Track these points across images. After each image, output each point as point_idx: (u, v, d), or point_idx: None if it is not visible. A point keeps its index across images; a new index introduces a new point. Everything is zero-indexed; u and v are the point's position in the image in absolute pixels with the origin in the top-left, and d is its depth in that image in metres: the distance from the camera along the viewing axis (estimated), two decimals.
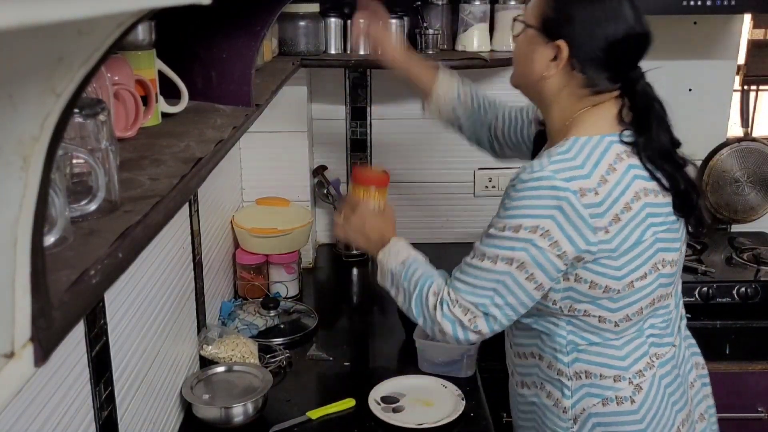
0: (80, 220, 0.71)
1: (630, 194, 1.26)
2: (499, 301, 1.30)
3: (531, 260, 1.26)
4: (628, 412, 1.35)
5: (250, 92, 1.35)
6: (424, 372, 1.76)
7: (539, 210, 1.24)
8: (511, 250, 1.27)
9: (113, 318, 1.17)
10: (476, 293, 1.31)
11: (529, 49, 1.33)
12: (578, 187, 1.23)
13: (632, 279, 1.29)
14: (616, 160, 1.27)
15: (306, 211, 2.27)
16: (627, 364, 1.35)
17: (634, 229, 1.27)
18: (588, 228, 1.24)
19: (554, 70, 1.30)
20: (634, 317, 1.33)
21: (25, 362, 0.48)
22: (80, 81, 0.46)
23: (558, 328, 1.36)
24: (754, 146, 2.57)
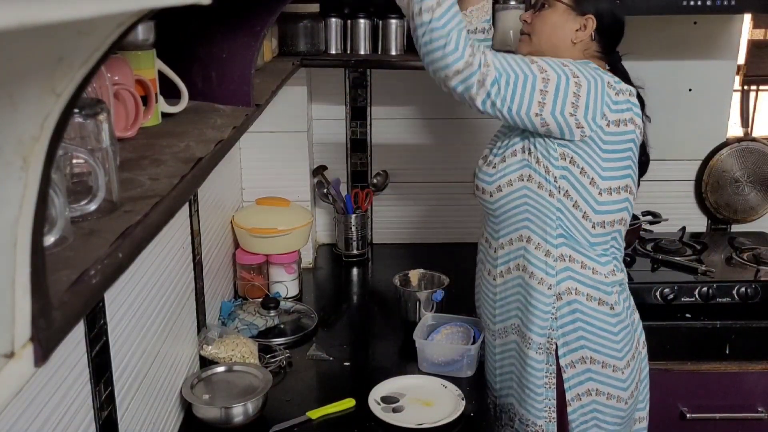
0: (80, 220, 0.71)
1: (629, 114, 1.55)
2: (510, 79, 1.46)
3: (556, 83, 1.47)
4: (607, 324, 1.58)
5: (250, 92, 1.35)
6: (424, 372, 1.76)
7: (583, 71, 1.51)
8: (551, 68, 1.49)
9: (113, 318, 1.17)
10: (504, 64, 1.47)
11: (559, 21, 1.59)
12: (608, 80, 1.53)
13: (610, 186, 1.56)
14: (626, 89, 1.57)
15: (306, 211, 2.27)
16: (602, 261, 1.59)
17: (624, 142, 1.57)
18: (600, 108, 1.52)
19: (582, 37, 1.58)
20: (607, 226, 1.58)
21: (25, 362, 0.48)
22: (80, 81, 0.46)
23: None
24: (754, 146, 2.57)
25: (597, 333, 1.58)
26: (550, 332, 1.59)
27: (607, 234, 1.59)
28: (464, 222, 2.60)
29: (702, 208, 2.63)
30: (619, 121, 1.51)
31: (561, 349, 1.59)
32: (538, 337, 1.59)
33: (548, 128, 1.50)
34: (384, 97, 2.49)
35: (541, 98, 1.47)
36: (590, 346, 1.58)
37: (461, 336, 1.84)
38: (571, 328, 1.58)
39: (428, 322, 1.87)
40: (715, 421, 2.11)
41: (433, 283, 2.05)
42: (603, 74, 1.53)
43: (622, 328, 1.59)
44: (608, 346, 1.58)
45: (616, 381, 1.60)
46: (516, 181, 1.59)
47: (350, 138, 2.53)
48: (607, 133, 1.51)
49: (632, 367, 1.61)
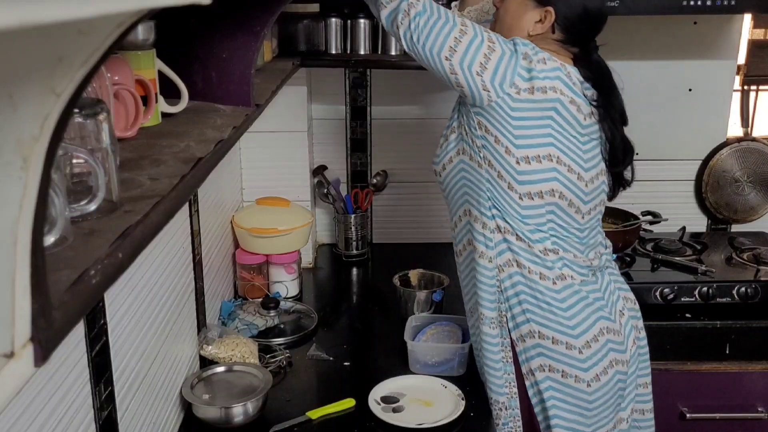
0: (80, 220, 0.71)
1: (550, 83, 1.53)
2: (432, 17, 1.49)
3: (471, 38, 1.49)
4: (554, 301, 1.55)
5: (250, 92, 1.35)
6: (416, 373, 1.76)
7: (503, 42, 1.52)
8: (473, 27, 1.50)
9: (113, 318, 1.17)
10: (433, 7, 1.51)
11: (520, 10, 1.57)
12: (525, 51, 1.51)
13: (528, 154, 1.54)
14: (557, 66, 1.53)
15: (306, 211, 2.27)
16: (537, 238, 1.57)
17: (539, 109, 1.53)
18: (517, 71, 1.52)
19: (540, 29, 1.56)
20: (535, 197, 1.56)
21: (25, 362, 0.48)
22: (80, 81, 0.46)
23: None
24: (754, 146, 2.57)
25: (542, 306, 1.55)
26: (499, 305, 1.57)
27: (539, 207, 1.55)
28: None
29: (702, 208, 2.63)
30: (533, 88, 1.49)
31: (510, 323, 1.57)
32: (489, 312, 1.57)
33: (457, 78, 1.50)
34: (384, 97, 2.49)
35: (453, 44, 1.48)
36: (536, 320, 1.55)
37: (447, 335, 1.84)
38: (515, 301, 1.56)
39: (413, 323, 1.87)
40: (715, 421, 2.11)
41: (433, 283, 2.05)
42: (525, 48, 1.51)
43: (572, 304, 1.55)
44: (556, 321, 1.54)
45: (573, 360, 1.54)
46: (455, 157, 1.61)
47: (350, 138, 2.53)
48: (517, 100, 1.49)
49: (594, 348, 1.55)
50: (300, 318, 2.04)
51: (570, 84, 1.53)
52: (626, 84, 2.49)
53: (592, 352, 1.55)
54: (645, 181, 2.48)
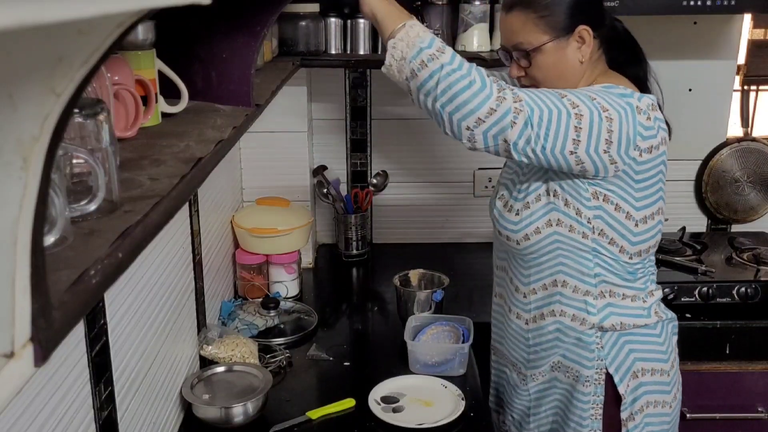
0: (80, 220, 0.71)
1: (663, 135, 1.49)
2: (544, 115, 1.34)
3: (589, 120, 1.36)
4: (652, 335, 1.55)
5: (250, 92, 1.35)
6: (416, 373, 1.76)
7: (611, 102, 1.39)
8: (583, 103, 1.37)
9: (113, 318, 1.17)
10: (535, 99, 1.36)
11: (558, 57, 1.46)
12: (636, 103, 1.42)
13: (646, 214, 1.47)
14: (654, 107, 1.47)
15: (306, 211, 2.27)
16: (641, 286, 1.55)
17: (655, 167, 1.48)
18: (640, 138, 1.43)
19: (588, 50, 1.46)
20: (643, 254, 1.52)
21: (25, 362, 0.48)
22: (80, 81, 0.46)
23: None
24: (754, 146, 2.57)
25: (643, 343, 1.54)
26: (598, 362, 1.53)
27: (644, 261, 1.53)
28: (464, 222, 2.60)
29: (702, 208, 2.63)
30: (651, 147, 1.42)
31: (615, 376, 1.53)
32: (587, 370, 1.53)
33: (583, 167, 1.39)
34: (384, 97, 2.49)
35: (576, 135, 1.35)
36: (639, 356, 1.54)
37: (448, 335, 1.84)
38: (619, 351, 1.54)
39: (413, 323, 1.87)
40: (715, 421, 2.11)
41: (433, 283, 2.05)
42: (629, 98, 1.40)
43: (662, 329, 1.57)
44: (654, 350, 1.55)
45: (663, 386, 1.56)
46: (544, 228, 1.48)
47: (350, 138, 2.53)
48: (640, 162, 1.42)
49: (675, 367, 1.59)
50: (300, 318, 2.04)
51: (665, 126, 1.47)
52: None
53: (674, 372, 1.60)
54: None
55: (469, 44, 2.31)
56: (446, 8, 2.30)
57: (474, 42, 2.31)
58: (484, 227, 2.62)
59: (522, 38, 1.46)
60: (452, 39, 2.36)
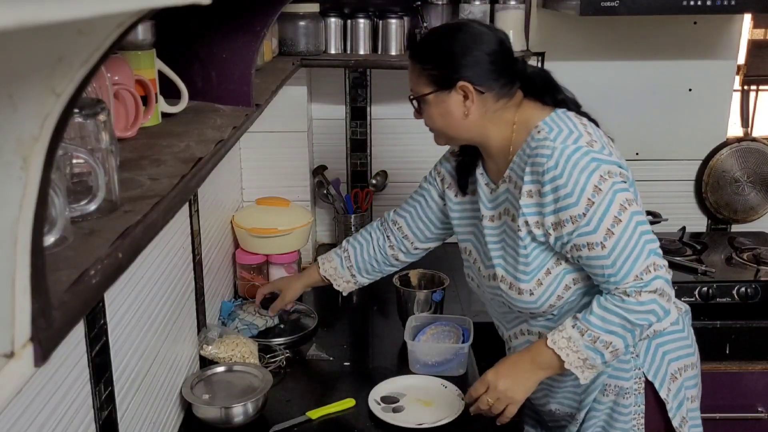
0: (80, 220, 0.71)
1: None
2: (649, 237, 1.36)
3: (627, 192, 1.37)
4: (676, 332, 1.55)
5: (250, 92, 1.35)
6: (416, 373, 1.76)
7: (589, 167, 1.34)
8: (612, 202, 1.34)
9: (113, 318, 1.17)
10: (639, 254, 1.34)
11: (441, 109, 1.46)
12: (585, 142, 1.37)
13: None
14: (585, 123, 1.45)
15: (306, 211, 2.27)
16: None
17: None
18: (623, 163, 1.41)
19: (471, 105, 1.43)
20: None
21: (25, 362, 0.48)
22: (80, 81, 0.46)
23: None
24: (754, 146, 2.57)
25: (673, 342, 1.55)
26: (636, 372, 1.50)
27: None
28: None
29: (702, 208, 2.63)
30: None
31: (655, 381, 1.51)
32: (626, 382, 1.50)
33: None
34: (384, 97, 2.49)
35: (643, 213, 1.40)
36: (672, 357, 1.53)
37: (447, 335, 1.84)
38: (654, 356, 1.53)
39: (413, 323, 1.87)
40: (715, 421, 2.11)
41: (433, 283, 2.05)
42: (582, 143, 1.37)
43: (683, 323, 1.58)
44: (683, 347, 1.56)
45: (695, 379, 1.58)
46: (565, 292, 1.46)
47: (350, 138, 2.53)
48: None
49: (698, 356, 1.61)
50: (300, 318, 2.04)
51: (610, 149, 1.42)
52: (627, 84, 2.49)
53: (698, 361, 1.61)
54: (645, 181, 2.48)
55: None
56: (446, 8, 2.31)
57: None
58: None
59: (412, 86, 1.50)
60: None
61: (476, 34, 1.44)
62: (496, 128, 1.46)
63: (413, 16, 2.30)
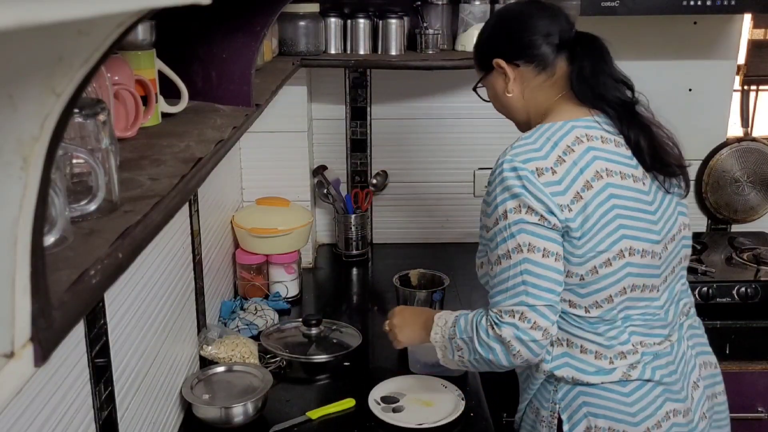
0: (80, 220, 0.71)
1: (590, 173, 1.33)
2: (533, 291, 1.30)
3: (535, 237, 1.30)
4: (615, 392, 1.38)
5: (250, 92, 1.35)
6: (416, 373, 1.76)
7: (512, 190, 1.31)
8: (513, 237, 1.31)
9: (113, 318, 1.17)
10: (512, 295, 1.31)
11: (491, 93, 1.53)
12: (534, 167, 1.32)
13: (595, 264, 1.33)
14: (575, 142, 1.35)
15: (306, 211, 2.27)
16: (608, 344, 1.38)
17: (596, 208, 1.33)
18: (553, 204, 1.30)
19: (511, 82, 1.45)
20: (603, 304, 1.36)
21: (25, 362, 0.48)
22: (80, 81, 0.46)
23: None
24: (754, 146, 2.57)
25: (601, 398, 1.43)
26: (552, 405, 1.46)
27: (612, 310, 1.38)
28: (464, 222, 2.60)
29: (702, 208, 2.63)
30: (577, 194, 1.32)
31: (566, 424, 1.44)
32: (544, 411, 1.47)
33: None
34: (384, 97, 2.49)
35: (552, 256, 1.32)
36: (593, 412, 1.42)
37: None
38: (573, 400, 1.44)
39: None
40: None
41: (433, 283, 2.05)
42: (523, 168, 1.31)
43: (636, 390, 1.42)
44: (617, 409, 1.42)
45: None
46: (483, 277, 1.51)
47: (350, 138, 2.53)
48: (575, 216, 1.32)
49: None
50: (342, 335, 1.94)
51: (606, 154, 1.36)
52: None
53: None
54: None
55: (468, 44, 2.31)
56: (446, 8, 2.30)
57: (474, 42, 2.30)
58: None
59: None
60: (452, 39, 2.36)
61: (509, 12, 1.50)
62: (534, 108, 1.47)
63: (413, 16, 2.30)
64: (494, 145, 2.53)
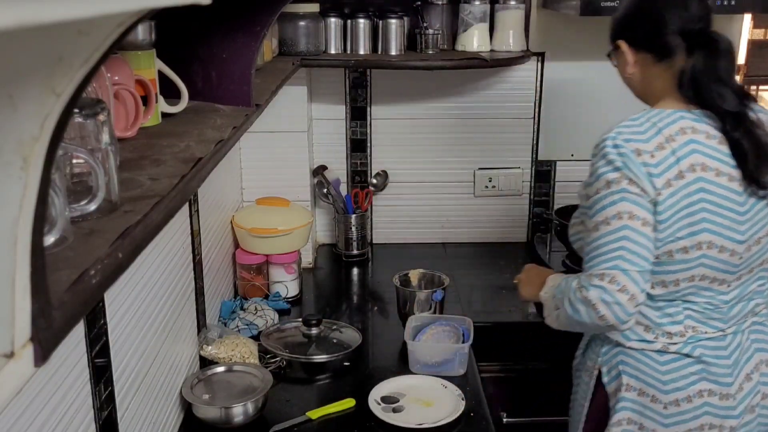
0: (80, 220, 0.71)
1: (685, 164, 1.39)
2: (629, 256, 1.36)
3: (636, 205, 1.37)
4: (651, 359, 1.46)
5: (250, 92, 1.35)
6: (416, 373, 1.76)
7: (614, 164, 1.38)
8: (614, 204, 1.38)
9: (113, 318, 1.17)
10: (607, 259, 1.37)
11: (619, 68, 1.57)
12: (635, 147, 1.38)
13: (671, 249, 1.40)
14: (679, 132, 1.41)
15: (306, 211, 2.27)
16: (659, 321, 1.46)
17: (683, 198, 1.38)
18: (649, 184, 1.37)
19: (631, 65, 1.51)
20: (669, 285, 1.43)
21: (25, 362, 0.48)
22: (80, 81, 0.46)
23: None
24: None
25: (638, 360, 1.53)
26: (595, 357, 1.59)
27: (672, 293, 1.46)
28: (464, 222, 2.60)
29: None
30: (668, 181, 1.38)
31: (605, 376, 1.58)
32: (590, 361, 1.61)
33: None
34: (384, 97, 2.49)
35: (648, 226, 1.38)
36: (626, 371, 1.52)
37: (448, 335, 1.84)
38: (613, 357, 1.56)
39: (413, 323, 1.87)
40: None
41: (433, 283, 2.05)
42: (624, 146, 1.38)
43: (673, 361, 1.49)
44: (649, 374, 1.51)
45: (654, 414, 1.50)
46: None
47: (350, 138, 2.53)
48: (663, 200, 1.39)
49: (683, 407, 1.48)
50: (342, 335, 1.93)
51: (707, 150, 1.39)
52: None
53: (679, 411, 1.46)
54: None
55: (469, 44, 2.31)
56: (446, 8, 2.31)
57: (474, 42, 2.31)
58: (484, 227, 2.62)
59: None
60: (452, 39, 2.36)
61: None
62: (650, 92, 1.53)
63: (413, 16, 2.31)
64: (494, 145, 2.54)
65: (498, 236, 2.62)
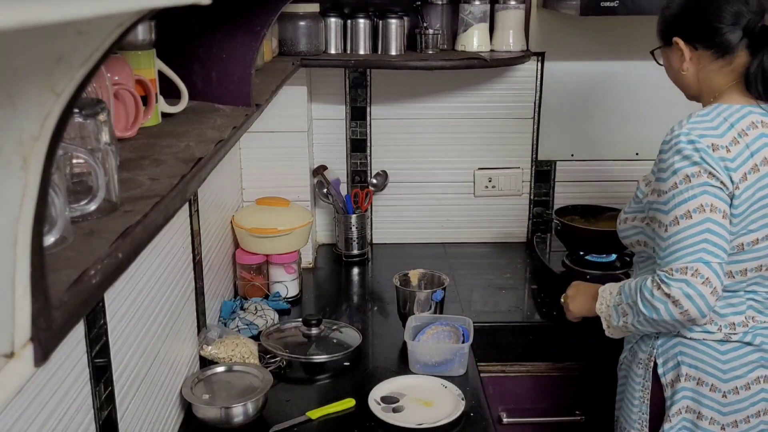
0: (80, 220, 0.71)
1: (759, 157, 1.41)
2: (712, 248, 1.37)
3: (717, 198, 1.38)
4: (712, 348, 1.48)
5: (250, 92, 1.35)
6: (416, 373, 1.76)
7: (692, 158, 1.39)
8: (695, 198, 1.39)
9: (113, 318, 1.17)
10: (690, 252, 1.38)
11: (667, 63, 1.59)
12: (710, 142, 1.40)
13: (743, 241, 1.43)
14: (750, 126, 1.43)
15: (306, 211, 2.27)
16: (722, 312, 1.48)
17: (758, 191, 1.41)
18: (727, 178, 1.39)
19: (687, 62, 1.51)
20: (737, 275, 1.46)
21: (25, 362, 0.48)
22: (80, 81, 0.46)
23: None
24: None
25: (696, 350, 1.52)
26: (651, 350, 1.55)
27: (740, 283, 1.50)
28: (464, 222, 2.60)
29: None
30: (745, 175, 1.41)
31: (660, 368, 1.55)
32: (642, 353, 1.58)
33: None
34: (384, 97, 2.49)
35: (728, 219, 1.41)
36: (686, 361, 1.51)
37: (447, 335, 1.84)
38: (671, 349, 1.54)
39: (413, 323, 1.87)
40: None
41: (433, 283, 2.05)
42: (700, 141, 1.40)
43: (733, 350, 1.51)
44: (709, 363, 1.50)
45: (713, 402, 1.50)
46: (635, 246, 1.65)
47: (350, 138, 2.53)
48: (740, 193, 1.42)
49: (741, 395, 1.50)
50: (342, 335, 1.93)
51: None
52: (627, 84, 2.49)
53: (738, 399, 1.49)
54: None
55: (469, 44, 2.31)
56: (446, 8, 2.31)
57: (474, 42, 2.31)
58: (484, 227, 2.62)
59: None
60: (452, 39, 2.36)
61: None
62: (707, 89, 1.53)
63: (413, 16, 2.31)
64: (494, 145, 2.54)
65: (498, 236, 2.62)
